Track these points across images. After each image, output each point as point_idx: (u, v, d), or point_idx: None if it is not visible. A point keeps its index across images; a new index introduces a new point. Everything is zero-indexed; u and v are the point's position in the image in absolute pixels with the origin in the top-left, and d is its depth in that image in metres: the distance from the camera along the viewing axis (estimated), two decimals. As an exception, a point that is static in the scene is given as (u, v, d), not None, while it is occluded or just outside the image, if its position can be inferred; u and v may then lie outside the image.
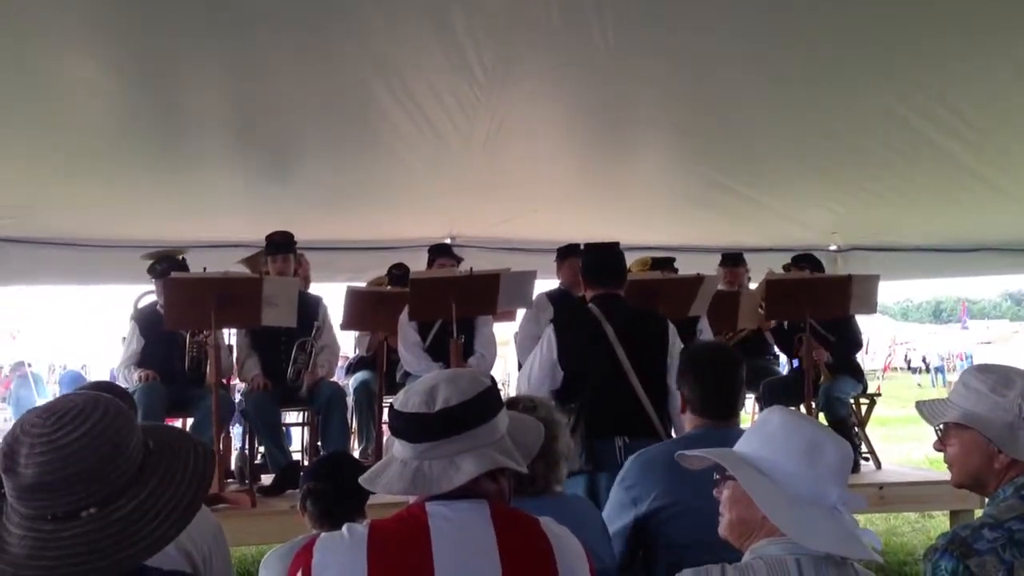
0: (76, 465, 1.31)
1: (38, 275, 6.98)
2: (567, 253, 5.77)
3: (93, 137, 5.17)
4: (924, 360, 31.70)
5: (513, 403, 2.40)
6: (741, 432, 1.99)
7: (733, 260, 6.63)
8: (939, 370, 28.23)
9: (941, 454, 2.17)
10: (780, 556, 1.71)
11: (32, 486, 1.31)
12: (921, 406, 2.17)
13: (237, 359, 5.47)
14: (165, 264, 5.24)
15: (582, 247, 4.58)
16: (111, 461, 1.34)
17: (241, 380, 5.57)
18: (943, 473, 2.17)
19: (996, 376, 2.05)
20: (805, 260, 6.18)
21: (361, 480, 1.71)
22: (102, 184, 5.84)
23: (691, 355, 2.90)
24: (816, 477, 1.75)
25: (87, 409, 1.36)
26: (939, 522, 6.45)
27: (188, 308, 4.76)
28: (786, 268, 6.19)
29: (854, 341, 6.12)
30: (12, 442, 1.33)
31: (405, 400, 1.68)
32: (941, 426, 2.12)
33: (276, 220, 5.60)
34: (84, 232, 6.68)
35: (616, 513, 2.66)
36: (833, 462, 1.76)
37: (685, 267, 5.81)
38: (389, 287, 6.05)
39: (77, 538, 1.30)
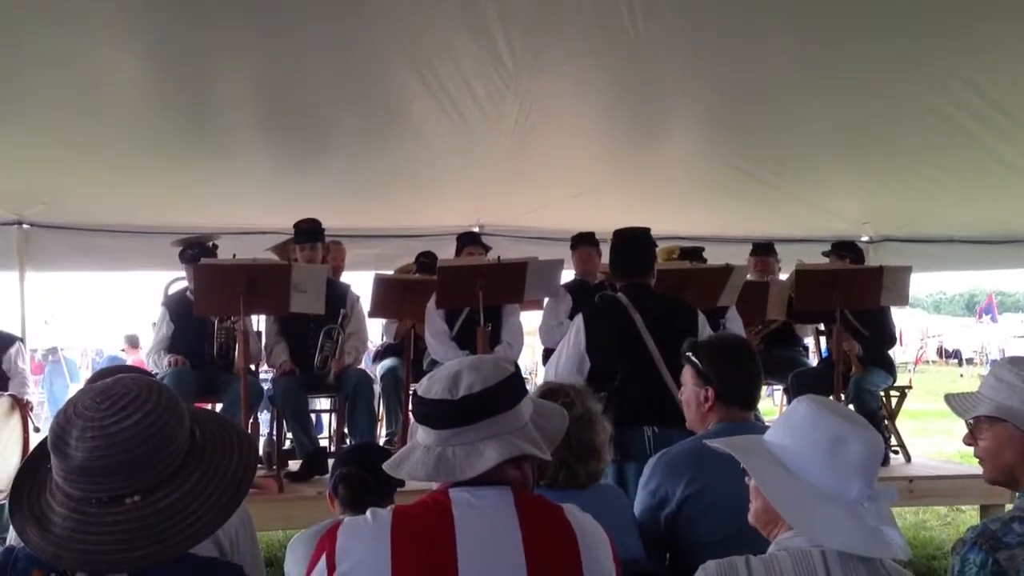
0: (125, 453, 1.32)
1: (70, 261, 7.07)
2: (578, 242, 5.76)
3: (126, 125, 5.23)
4: (958, 353, 31.30)
5: (551, 395, 2.40)
6: (759, 427, 1.96)
7: (764, 249, 6.57)
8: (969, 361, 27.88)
9: (972, 448, 2.14)
10: (805, 548, 1.69)
11: (80, 468, 1.32)
12: (951, 399, 2.13)
13: (265, 345, 5.51)
14: (196, 250, 5.28)
15: (611, 234, 4.53)
16: (159, 451, 1.34)
17: (269, 366, 5.61)
18: (973, 467, 2.13)
19: None
20: (846, 248, 6.08)
21: (385, 466, 1.72)
22: (134, 171, 5.92)
23: (714, 348, 2.84)
24: (836, 471, 1.71)
25: (141, 396, 1.36)
26: (969, 516, 6.37)
27: (217, 294, 4.80)
28: (826, 255, 6.11)
29: (888, 335, 6.03)
30: (64, 423, 1.34)
31: (428, 387, 1.68)
32: (971, 420, 2.09)
33: (306, 208, 5.63)
34: (116, 219, 6.76)
35: (643, 517, 2.64)
36: (856, 456, 1.72)
37: (715, 257, 5.78)
38: (417, 275, 6.07)
39: (119, 524, 1.32)
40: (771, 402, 9.89)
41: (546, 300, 5.62)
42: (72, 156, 5.59)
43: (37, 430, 5.43)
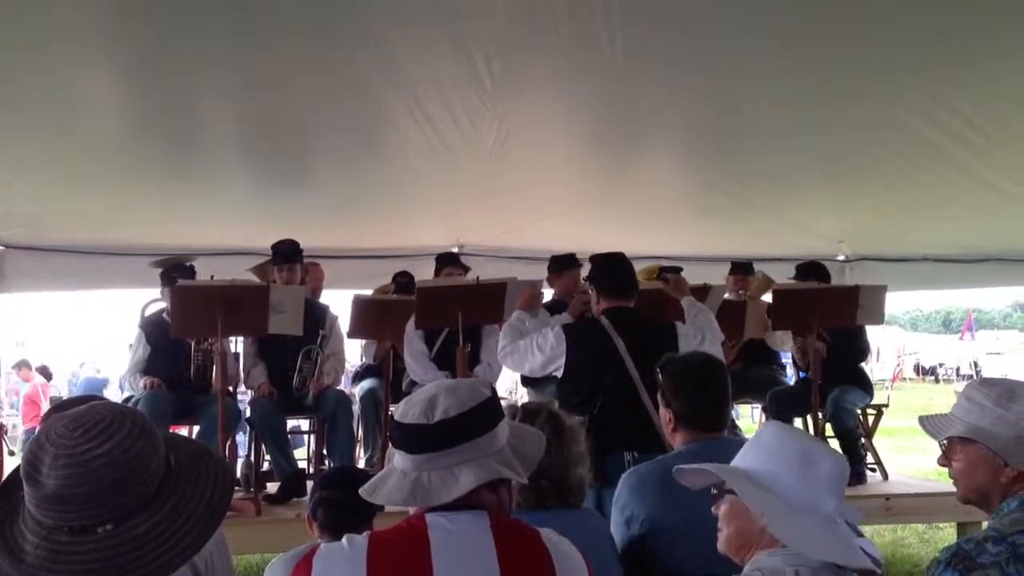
0: (97, 481, 1.30)
1: (46, 282, 7.02)
2: (566, 265, 5.78)
3: (103, 145, 5.20)
4: (935, 370, 31.60)
5: (532, 414, 2.41)
6: (732, 443, 1.99)
7: (743, 269, 6.62)
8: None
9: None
10: (779, 567, 1.71)
11: (52, 497, 1.30)
12: (924, 421, 2.16)
13: (244, 367, 5.48)
14: (178, 272, 5.26)
15: (588, 256, 4.57)
16: (132, 479, 1.33)
17: (247, 387, 5.58)
18: (950, 485, 2.16)
19: (999, 389, 2.04)
20: (812, 270, 6.14)
21: (361, 491, 1.71)
22: (111, 192, 5.88)
23: (676, 370, 2.84)
24: (809, 486, 1.76)
25: (114, 424, 1.35)
26: (946, 534, 6.41)
27: (195, 315, 4.78)
28: (792, 279, 6.16)
29: (859, 349, 6.08)
30: (37, 450, 1.33)
31: (404, 411, 1.68)
32: (945, 441, 2.11)
33: (285, 228, 5.62)
34: (92, 239, 6.72)
35: (618, 537, 2.64)
36: (827, 472, 1.77)
37: (694, 277, 5.79)
38: (394, 295, 6.07)
39: (92, 553, 1.30)
40: (750, 420, 9.93)
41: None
42: (48, 177, 5.55)
43: (12, 453, 5.37)
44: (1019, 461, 1.97)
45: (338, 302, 6.08)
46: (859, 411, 5.98)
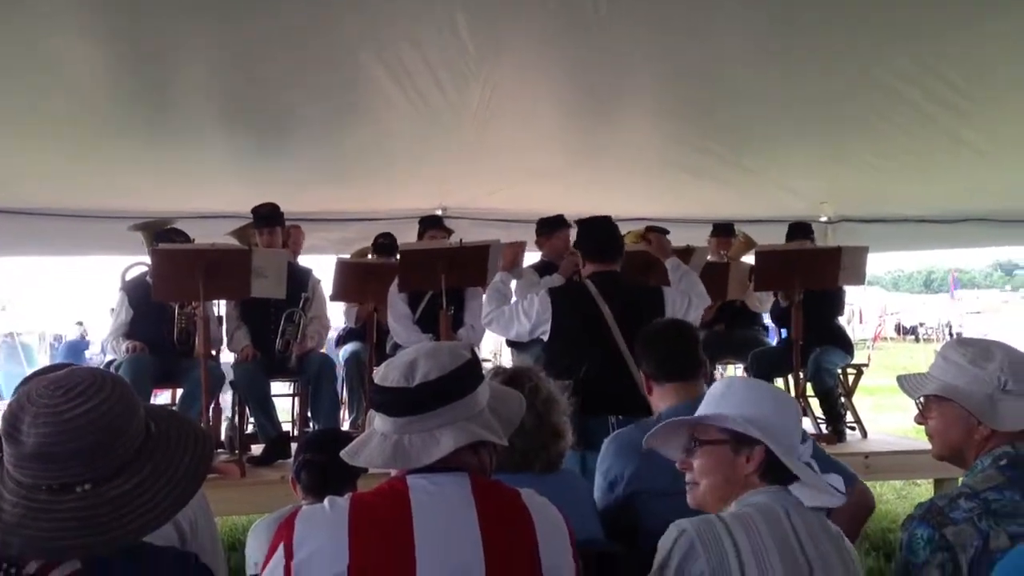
0: (77, 441, 1.32)
1: (27, 246, 6.96)
2: (555, 226, 5.76)
3: (82, 109, 5.12)
4: (915, 329, 31.92)
5: (516, 379, 2.43)
6: None
7: (725, 230, 6.64)
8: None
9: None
10: (770, 505, 1.81)
11: (31, 455, 1.32)
12: (902, 380, 2.19)
13: (226, 330, 5.47)
14: (169, 234, 5.21)
15: (574, 222, 4.56)
16: (111, 440, 1.35)
17: (231, 351, 5.58)
18: (928, 443, 2.21)
19: (975, 349, 2.07)
20: (801, 230, 6.17)
21: (343, 454, 1.72)
22: (88, 155, 5.80)
23: (644, 335, 2.98)
24: (787, 424, 1.86)
25: (95, 386, 1.37)
26: (924, 490, 6.52)
27: (177, 279, 4.74)
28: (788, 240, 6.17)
29: (834, 305, 6.11)
30: (17, 409, 1.35)
31: (385, 374, 1.68)
32: (922, 399, 2.14)
33: (266, 191, 5.57)
34: (72, 203, 6.64)
35: (600, 500, 2.67)
36: (796, 411, 1.92)
37: (677, 239, 5.80)
38: (373, 256, 6.07)
39: (71, 512, 1.32)
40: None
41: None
42: (26, 141, 5.47)
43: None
44: (991, 420, 2.01)
45: (320, 266, 6.05)
46: (839, 371, 6.04)
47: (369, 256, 6.25)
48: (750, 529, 1.78)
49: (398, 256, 5.60)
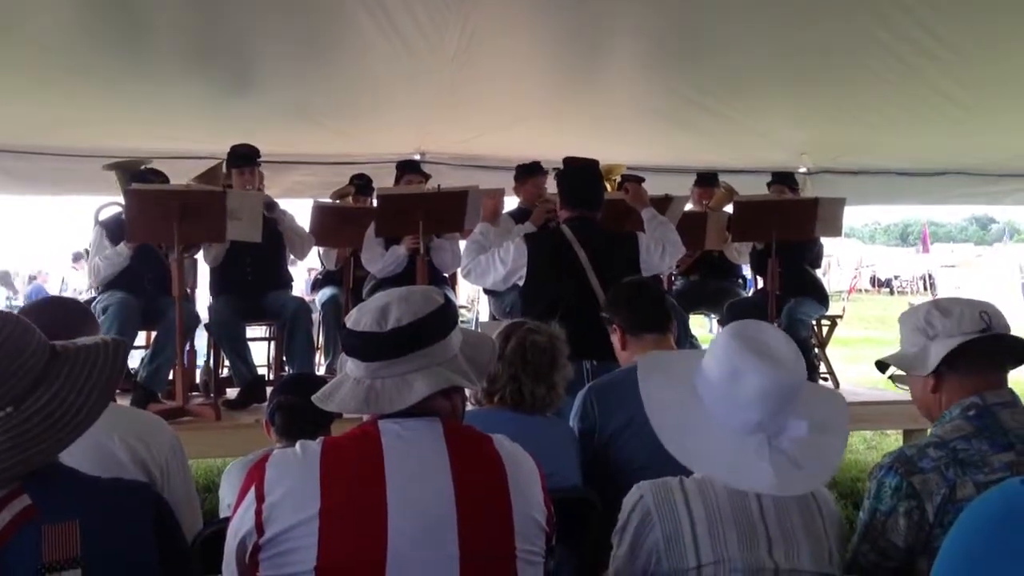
0: None
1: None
2: (531, 172, 5.72)
3: (48, 44, 4.99)
4: (890, 282, 32.21)
5: (517, 326, 2.49)
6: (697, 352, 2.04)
7: (708, 180, 6.62)
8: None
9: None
10: (669, 479, 1.86)
11: None
12: (882, 364, 2.21)
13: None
14: (146, 175, 5.10)
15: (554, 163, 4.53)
16: (12, 362, 1.38)
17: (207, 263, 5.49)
18: (898, 393, 2.26)
19: (915, 316, 2.11)
20: (785, 180, 6.16)
21: (314, 399, 1.71)
22: (57, 92, 5.64)
23: (612, 293, 3.11)
24: (733, 401, 1.80)
25: None
26: (893, 440, 6.63)
27: (151, 220, 4.66)
28: (769, 186, 6.16)
29: (808, 256, 6.13)
30: None
31: (357, 319, 1.67)
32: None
33: (239, 133, 5.45)
34: (38, 141, 6.48)
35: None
36: (752, 389, 1.78)
37: (658, 187, 5.78)
38: (352, 198, 6.01)
39: (3, 434, 1.36)
40: (708, 332, 10.09)
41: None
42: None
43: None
44: (922, 366, 2.04)
45: (296, 210, 5.97)
46: (814, 322, 6.09)
47: (351, 197, 6.17)
48: (708, 499, 1.80)
49: (375, 199, 5.55)
